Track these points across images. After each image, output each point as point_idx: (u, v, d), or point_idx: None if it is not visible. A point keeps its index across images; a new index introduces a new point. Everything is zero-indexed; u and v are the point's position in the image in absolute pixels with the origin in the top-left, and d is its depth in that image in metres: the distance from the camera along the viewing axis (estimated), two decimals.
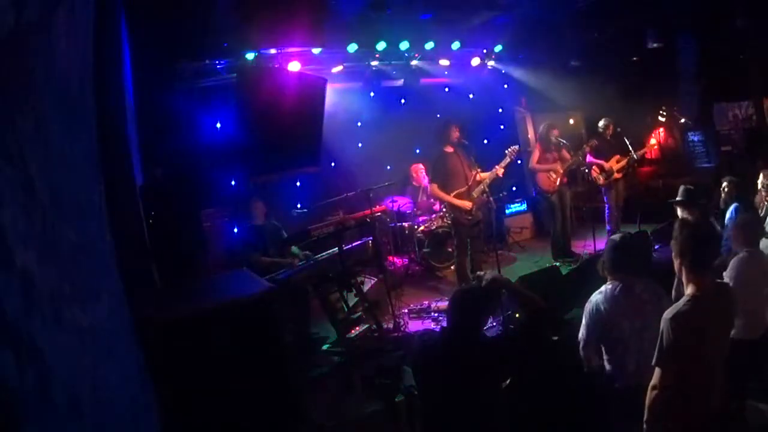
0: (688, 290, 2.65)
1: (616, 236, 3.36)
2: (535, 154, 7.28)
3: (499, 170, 6.22)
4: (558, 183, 7.19)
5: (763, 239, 4.37)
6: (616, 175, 7.74)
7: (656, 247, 6.33)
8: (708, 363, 2.64)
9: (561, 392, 3.76)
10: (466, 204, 6.08)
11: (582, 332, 3.24)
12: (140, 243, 3.55)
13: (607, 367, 3.18)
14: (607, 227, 7.93)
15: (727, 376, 2.75)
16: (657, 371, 2.59)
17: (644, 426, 2.67)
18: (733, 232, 3.84)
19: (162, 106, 6.06)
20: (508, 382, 2.88)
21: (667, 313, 2.59)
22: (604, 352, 3.19)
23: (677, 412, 2.59)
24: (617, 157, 7.69)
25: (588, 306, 3.19)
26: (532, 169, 7.36)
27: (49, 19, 1.58)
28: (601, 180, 7.73)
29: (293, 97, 5.97)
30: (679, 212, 4.89)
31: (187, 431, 2.75)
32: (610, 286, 3.16)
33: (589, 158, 7.84)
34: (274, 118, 5.78)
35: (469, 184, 6.12)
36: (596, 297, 3.17)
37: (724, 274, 3.63)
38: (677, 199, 4.88)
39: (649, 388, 2.62)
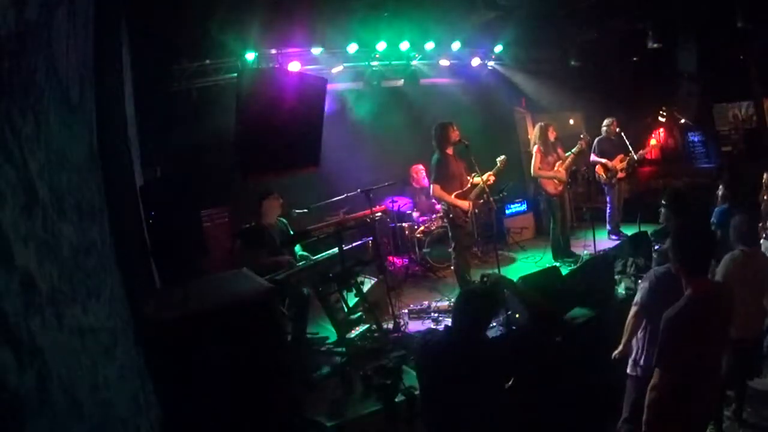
0: (687, 291, 2.66)
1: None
2: (537, 160, 7.18)
3: (490, 178, 6.26)
4: (562, 186, 7.19)
5: (763, 240, 4.36)
6: (620, 175, 7.75)
7: (656, 247, 6.33)
8: (707, 363, 2.64)
9: (563, 393, 3.77)
10: (465, 204, 6.09)
11: (642, 296, 3.22)
12: (140, 243, 3.55)
13: (643, 356, 3.17)
14: (608, 227, 7.93)
15: (725, 375, 2.75)
16: (657, 371, 2.60)
17: (644, 426, 2.67)
18: (731, 231, 3.80)
19: (162, 106, 6.06)
20: (510, 382, 2.88)
21: (667, 314, 2.59)
22: (642, 340, 3.18)
23: (676, 412, 2.59)
24: (621, 156, 7.70)
25: (652, 273, 3.22)
26: (535, 176, 7.31)
27: (49, 19, 1.58)
28: (604, 178, 7.74)
29: (293, 97, 5.96)
30: (662, 217, 4.85)
31: (187, 430, 2.75)
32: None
33: (593, 157, 7.85)
34: (274, 118, 5.77)
35: (466, 187, 6.15)
36: (662, 269, 3.18)
37: (717, 270, 3.61)
38: (663, 201, 4.83)
39: (649, 388, 2.63)
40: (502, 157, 6.52)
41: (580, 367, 3.79)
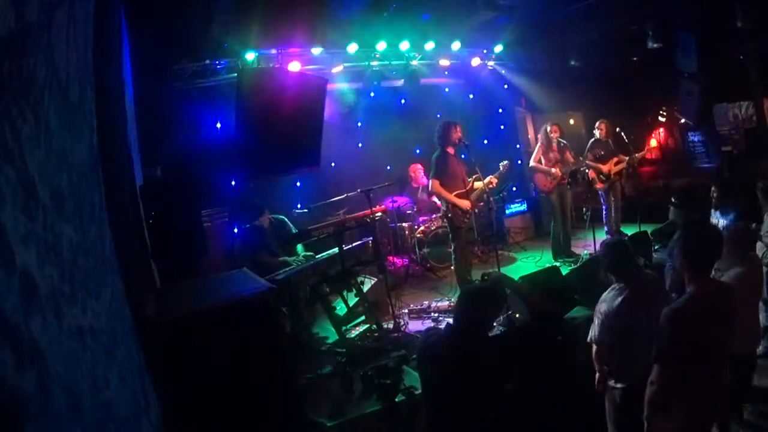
0: (689, 288, 2.66)
1: (612, 238, 3.43)
2: (537, 154, 7.29)
3: (493, 180, 6.29)
4: (553, 185, 7.20)
5: (758, 243, 4.36)
6: (614, 177, 7.73)
7: (656, 247, 6.33)
8: (709, 361, 2.64)
9: (563, 391, 3.77)
10: (466, 203, 6.08)
11: (594, 332, 3.25)
12: (140, 243, 3.55)
13: (622, 365, 3.18)
14: (605, 228, 7.92)
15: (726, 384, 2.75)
16: (656, 367, 2.60)
17: (644, 422, 2.67)
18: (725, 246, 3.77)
19: (162, 106, 6.07)
20: (510, 382, 2.89)
21: (666, 310, 2.59)
22: (620, 352, 3.19)
23: (676, 408, 2.59)
24: (615, 159, 7.68)
25: (600, 306, 3.22)
26: (530, 168, 7.39)
27: (49, 19, 1.58)
28: (598, 183, 7.73)
29: (293, 97, 5.96)
30: (672, 214, 4.86)
31: (187, 430, 2.75)
32: (621, 285, 3.20)
33: (587, 161, 7.84)
34: (274, 118, 5.77)
35: (467, 188, 6.14)
36: (609, 295, 3.22)
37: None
38: (672, 199, 4.85)
39: (648, 383, 2.63)
40: (506, 161, 6.55)
41: (580, 367, 3.79)
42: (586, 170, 7.77)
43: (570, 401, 3.71)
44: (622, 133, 7.71)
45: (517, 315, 4.73)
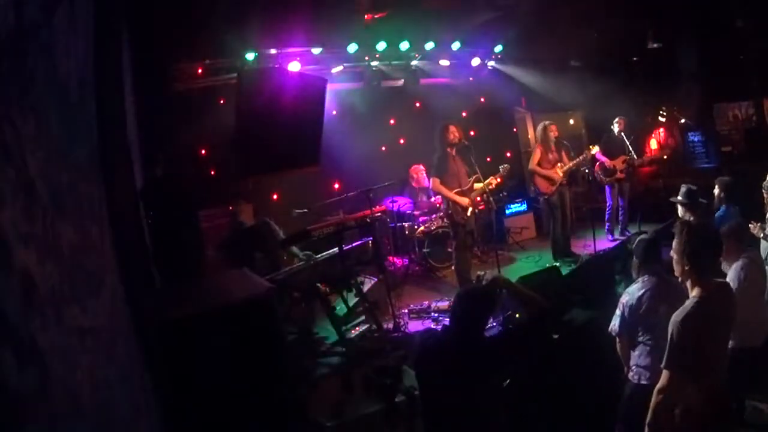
0: (694, 292, 2.65)
1: (647, 235, 3.50)
2: (536, 156, 7.25)
3: (493, 182, 6.31)
4: (555, 187, 7.20)
5: (763, 242, 4.37)
6: (619, 175, 7.74)
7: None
8: (712, 363, 2.64)
9: (561, 391, 3.76)
10: (465, 200, 6.10)
11: (615, 323, 3.31)
12: (140, 243, 3.55)
13: (643, 361, 3.19)
14: (606, 225, 7.93)
15: (729, 381, 2.74)
16: (665, 373, 2.59)
17: (646, 428, 2.66)
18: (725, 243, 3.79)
19: (162, 106, 6.06)
20: (508, 381, 2.88)
21: (676, 316, 2.58)
22: (639, 347, 3.22)
23: (679, 413, 2.59)
24: (623, 157, 7.69)
25: (623, 298, 3.29)
26: (531, 170, 7.37)
27: (49, 19, 1.58)
28: (601, 177, 7.74)
29: (293, 97, 5.96)
30: (680, 211, 4.89)
31: (187, 431, 2.75)
32: (645, 277, 3.26)
33: (598, 154, 7.85)
34: (274, 118, 5.77)
35: (465, 188, 6.15)
36: (633, 287, 3.28)
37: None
38: (679, 198, 4.88)
39: (656, 390, 2.61)
40: (506, 165, 6.57)
41: (578, 368, 3.79)
42: (586, 170, 7.77)
43: (569, 401, 3.71)
44: (623, 134, 7.73)
45: (516, 315, 4.73)
